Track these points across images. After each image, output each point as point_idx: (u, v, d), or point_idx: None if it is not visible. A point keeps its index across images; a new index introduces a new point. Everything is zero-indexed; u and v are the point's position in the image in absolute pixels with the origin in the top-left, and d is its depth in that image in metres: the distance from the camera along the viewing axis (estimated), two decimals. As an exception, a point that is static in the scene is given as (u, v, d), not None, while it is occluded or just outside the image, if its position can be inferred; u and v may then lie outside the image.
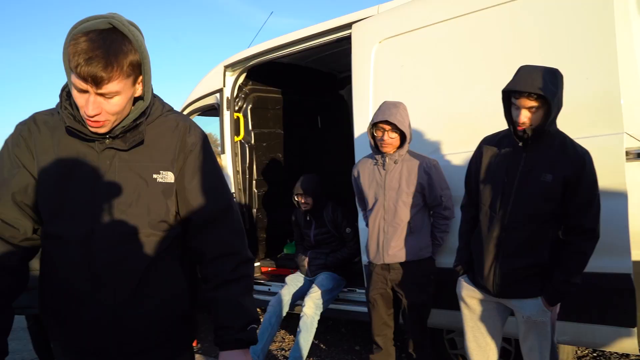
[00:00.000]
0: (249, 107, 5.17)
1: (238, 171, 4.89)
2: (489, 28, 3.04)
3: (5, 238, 1.43)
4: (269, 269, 5.16)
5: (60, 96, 1.42)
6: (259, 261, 5.24)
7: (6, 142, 1.48)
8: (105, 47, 1.24)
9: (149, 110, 1.45)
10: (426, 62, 3.31)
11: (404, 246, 3.03)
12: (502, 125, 2.51)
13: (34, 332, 3.60)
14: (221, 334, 1.48)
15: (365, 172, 3.20)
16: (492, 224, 2.26)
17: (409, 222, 3.02)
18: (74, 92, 1.31)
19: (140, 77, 1.37)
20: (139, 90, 1.39)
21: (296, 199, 4.31)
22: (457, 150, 3.17)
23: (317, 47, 4.22)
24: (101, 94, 1.29)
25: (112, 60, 1.25)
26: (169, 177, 1.45)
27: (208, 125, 6.00)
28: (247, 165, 5.09)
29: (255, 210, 5.17)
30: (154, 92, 1.53)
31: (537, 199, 2.18)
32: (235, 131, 4.83)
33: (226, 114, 4.75)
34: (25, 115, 1.50)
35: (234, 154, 4.82)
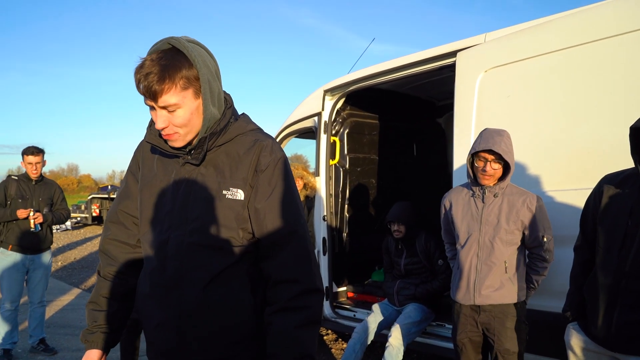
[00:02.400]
0: (346, 132, 5.22)
1: (331, 194, 4.92)
2: (605, 59, 2.87)
3: (125, 241, 1.66)
4: (356, 294, 5.12)
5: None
6: (345, 286, 5.21)
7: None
8: (162, 64, 1.36)
9: (218, 127, 1.49)
10: (534, 93, 3.17)
11: (499, 287, 2.81)
12: (616, 163, 2.34)
13: (123, 340, 3.67)
14: None
15: (459, 203, 2.99)
16: (610, 270, 2.07)
17: (505, 262, 2.81)
18: (150, 112, 1.45)
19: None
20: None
21: (388, 226, 4.26)
22: (564, 188, 2.99)
23: (418, 74, 4.19)
24: (163, 107, 1.39)
25: (165, 74, 1.35)
26: (239, 194, 1.47)
27: (303, 147, 6.14)
28: (341, 189, 5.13)
29: (345, 234, 5.18)
30: (243, 112, 1.63)
31: None
32: (331, 155, 4.89)
33: (323, 137, 4.82)
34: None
35: (328, 177, 4.86)
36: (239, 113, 1.62)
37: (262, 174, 1.48)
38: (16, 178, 4.84)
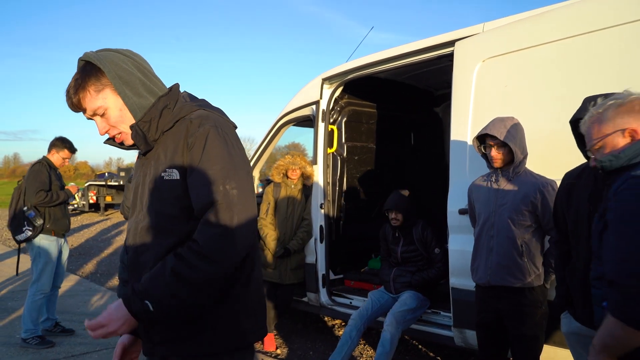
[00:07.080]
0: (344, 120, 5.23)
1: (329, 183, 4.95)
2: (603, 50, 2.89)
3: None
4: (352, 282, 5.16)
5: None
6: (342, 273, 5.26)
7: None
8: (75, 79, 1.51)
9: (149, 117, 1.55)
10: (531, 83, 3.19)
11: (513, 268, 2.83)
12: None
13: None
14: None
15: (479, 188, 3.10)
16: (583, 255, 2.16)
17: (520, 244, 2.85)
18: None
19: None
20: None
21: (386, 214, 4.29)
22: (560, 177, 3.02)
23: (416, 63, 4.20)
24: (93, 115, 1.54)
25: (77, 88, 1.50)
26: (174, 174, 1.52)
27: (301, 136, 6.15)
28: (338, 177, 5.15)
29: (342, 222, 5.21)
30: (202, 98, 1.71)
31: None
32: (329, 143, 4.90)
33: (321, 126, 4.84)
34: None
35: (326, 166, 4.88)
36: (211, 106, 1.67)
37: (192, 150, 1.49)
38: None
